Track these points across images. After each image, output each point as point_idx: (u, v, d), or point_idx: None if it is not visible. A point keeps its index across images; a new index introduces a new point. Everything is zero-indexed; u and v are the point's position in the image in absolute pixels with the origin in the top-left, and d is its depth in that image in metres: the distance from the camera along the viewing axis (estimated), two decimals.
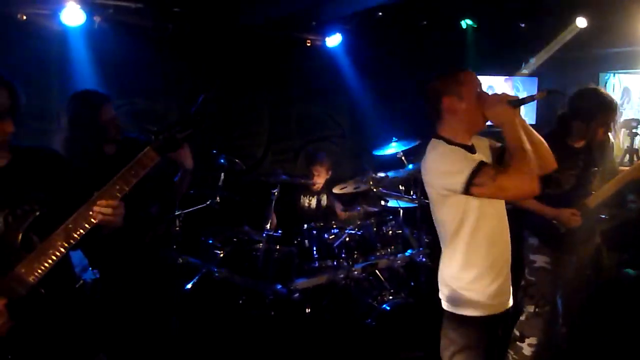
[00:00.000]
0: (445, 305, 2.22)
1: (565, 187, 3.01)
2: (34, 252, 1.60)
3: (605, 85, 5.55)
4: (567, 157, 3.00)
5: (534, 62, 5.85)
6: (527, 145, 1.98)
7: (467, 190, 1.96)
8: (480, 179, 1.94)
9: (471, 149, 2.16)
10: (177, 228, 4.14)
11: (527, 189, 1.97)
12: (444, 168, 2.06)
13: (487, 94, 2.13)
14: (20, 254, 1.60)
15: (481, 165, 1.97)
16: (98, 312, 2.01)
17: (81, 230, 1.61)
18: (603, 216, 3.26)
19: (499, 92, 2.10)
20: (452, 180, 2.00)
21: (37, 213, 1.65)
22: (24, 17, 3.96)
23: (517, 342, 3.13)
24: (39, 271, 1.59)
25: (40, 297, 1.61)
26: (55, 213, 1.65)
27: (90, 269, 2.86)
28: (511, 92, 2.17)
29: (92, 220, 1.62)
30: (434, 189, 2.13)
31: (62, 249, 1.60)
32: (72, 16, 3.97)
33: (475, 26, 5.66)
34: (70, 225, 1.61)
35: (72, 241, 1.61)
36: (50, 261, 1.59)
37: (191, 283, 3.95)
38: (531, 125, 2.27)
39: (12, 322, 1.54)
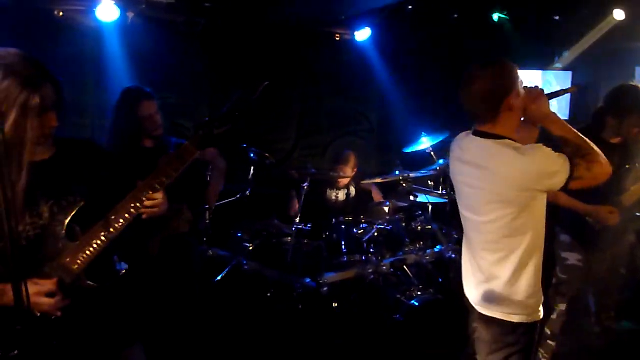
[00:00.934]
0: (489, 309, 2.09)
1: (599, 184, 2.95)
2: (77, 242, 1.65)
3: None
4: (603, 153, 2.94)
5: (568, 55, 5.73)
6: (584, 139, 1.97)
7: (568, 184, 1.93)
8: (578, 172, 1.92)
9: None
10: (207, 221, 4.21)
11: (609, 171, 1.99)
12: (547, 169, 1.93)
13: (527, 87, 2.05)
14: (65, 243, 1.65)
15: (569, 159, 1.94)
16: (136, 302, 2.06)
17: (122, 221, 1.66)
18: (638, 214, 3.18)
19: (532, 86, 2.05)
20: (555, 181, 1.93)
21: (81, 204, 1.70)
22: (61, 14, 4.07)
23: (548, 341, 3.10)
24: (83, 260, 1.64)
25: (84, 286, 1.66)
26: (97, 204, 1.70)
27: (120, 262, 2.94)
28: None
29: (133, 211, 1.67)
30: (519, 190, 1.96)
31: (104, 239, 1.65)
32: (107, 12, 4.06)
33: (508, 19, 5.56)
34: (112, 217, 1.66)
35: (113, 231, 1.65)
36: (93, 251, 1.64)
37: (221, 275, 4.01)
38: (565, 120, 2.23)
39: (67, 300, 1.61)
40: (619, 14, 5.02)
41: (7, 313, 1.53)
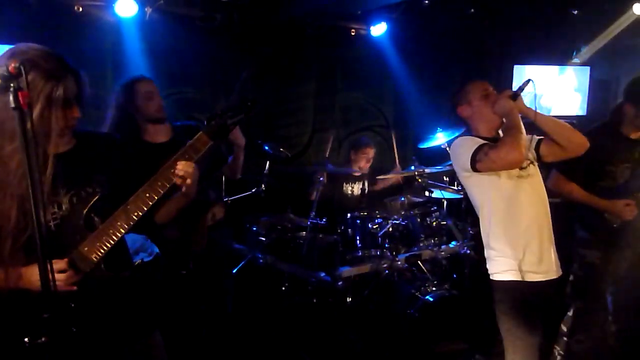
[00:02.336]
0: (490, 273, 2.47)
1: (619, 180, 2.92)
2: (96, 232, 1.68)
3: None
4: (622, 149, 2.92)
5: (587, 51, 5.66)
6: (522, 129, 2.32)
7: (474, 166, 2.36)
8: (479, 155, 2.34)
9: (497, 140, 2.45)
10: (223, 215, 4.24)
11: (510, 158, 2.28)
12: (458, 152, 2.48)
13: (494, 94, 2.52)
14: (84, 233, 1.68)
15: (481, 145, 2.37)
16: (155, 291, 2.09)
17: (139, 212, 1.68)
18: None
19: (503, 91, 2.47)
20: (463, 160, 2.40)
21: (99, 195, 1.73)
22: (80, 9, 4.11)
23: (564, 338, 3.08)
24: (101, 250, 1.66)
25: (102, 275, 1.69)
26: (115, 195, 1.73)
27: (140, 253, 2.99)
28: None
29: (149, 202, 1.69)
30: (458, 172, 2.53)
31: (123, 230, 1.68)
32: (125, 7, 4.09)
33: (524, 13, 5.50)
34: (129, 207, 1.68)
35: (131, 222, 1.68)
36: (111, 241, 1.67)
37: (236, 269, 4.05)
38: (581, 116, 2.34)
39: (79, 276, 1.64)
40: (638, 9, 4.94)
41: (31, 299, 1.57)
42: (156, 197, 1.71)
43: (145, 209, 1.69)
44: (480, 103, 2.53)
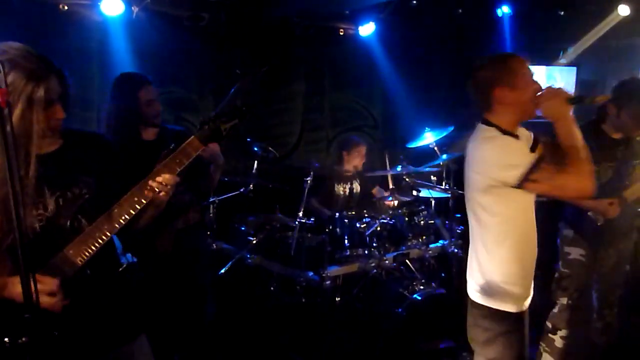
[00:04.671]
0: (480, 298, 2.16)
1: (602, 179, 2.95)
2: (81, 235, 1.65)
3: None
4: (605, 149, 2.95)
5: (573, 51, 5.70)
6: (582, 143, 1.95)
7: (521, 184, 1.95)
8: (538, 175, 1.93)
9: (517, 138, 2.13)
10: (211, 215, 4.23)
11: (585, 190, 1.93)
12: (501, 160, 2.00)
13: (541, 86, 2.07)
14: (70, 236, 1.65)
15: (539, 161, 1.95)
16: (140, 295, 2.06)
17: (126, 216, 1.66)
18: None
19: (556, 86, 2.05)
20: (508, 174, 1.97)
21: (86, 196, 1.70)
22: (66, 8, 4.08)
23: (550, 334, 3.11)
24: (86, 254, 1.64)
25: (86, 279, 1.67)
26: (103, 197, 1.70)
27: (127, 254, 2.96)
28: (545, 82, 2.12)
29: (137, 205, 1.67)
30: (483, 176, 2.06)
31: (108, 233, 1.65)
32: (112, 6, 4.07)
33: (512, 14, 5.54)
34: (115, 210, 1.65)
35: (117, 226, 1.66)
36: (96, 244, 1.64)
37: (224, 269, 4.04)
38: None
39: (67, 300, 1.61)
40: (623, 10, 5.00)
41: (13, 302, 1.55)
42: (144, 202, 1.68)
43: (133, 212, 1.67)
44: (527, 91, 2.05)
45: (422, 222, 4.20)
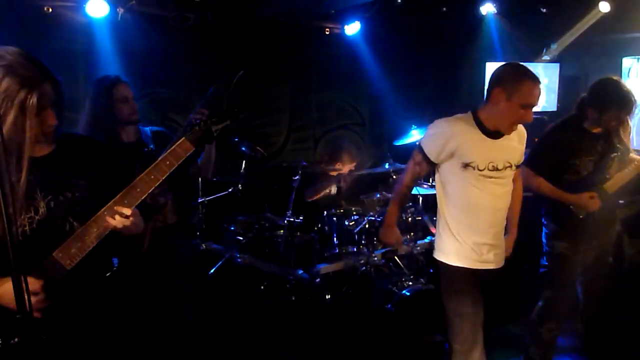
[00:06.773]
0: (434, 253, 2.67)
1: (583, 173, 3.00)
2: (71, 238, 1.65)
3: (629, 71, 5.46)
4: (585, 143, 3.00)
5: (556, 47, 5.78)
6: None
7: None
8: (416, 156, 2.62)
9: (495, 135, 2.47)
10: (201, 215, 4.24)
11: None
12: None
13: (529, 118, 2.39)
14: (61, 239, 1.64)
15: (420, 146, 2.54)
16: (131, 299, 2.05)
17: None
18: (622, 202, 3.24)
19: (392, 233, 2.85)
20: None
21: (78, 199, 1.70)
22: (50, 9, 4.05)
23: (536, 327, 3.16)
24: (75, 257, 1.64)
25: (75, 282, 1.66)
26: (95, 199, 1.70)
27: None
28: None
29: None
30: None
31: (97, 236, 1.65)
32: (97, 8, 4.04)
33: (495, 12, 5.61)
34: (105, 213, 1.65)
35: (106, 228, 1.65)
36: (85, 247, 1.64)
37: (214, 269, 4.05)
38: (552, 112, 2.39)
39: (48, 302, 1.61)
40: (604, 6, 5.09)
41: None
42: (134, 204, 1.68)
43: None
44: (514, 110, 2.37)
45: (409, 219, 4.23)
